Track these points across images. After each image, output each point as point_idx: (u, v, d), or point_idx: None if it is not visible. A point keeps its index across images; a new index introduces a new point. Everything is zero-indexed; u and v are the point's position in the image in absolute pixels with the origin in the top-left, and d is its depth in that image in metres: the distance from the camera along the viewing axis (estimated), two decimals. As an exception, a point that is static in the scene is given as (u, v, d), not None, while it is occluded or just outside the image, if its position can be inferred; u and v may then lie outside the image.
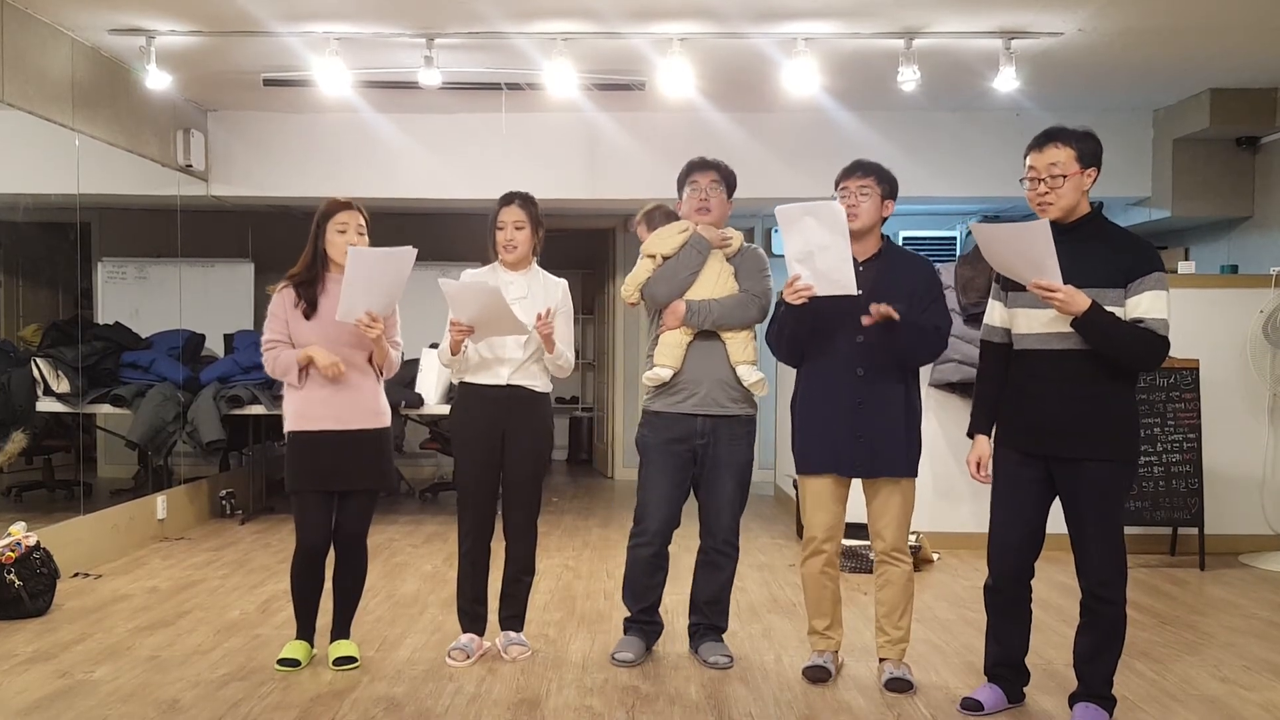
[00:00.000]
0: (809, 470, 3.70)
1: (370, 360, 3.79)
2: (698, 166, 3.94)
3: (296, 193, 7.06)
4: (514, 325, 3.75)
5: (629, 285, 3.93)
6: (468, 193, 7.08)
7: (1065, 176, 3.17)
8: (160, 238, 6.92)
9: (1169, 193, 6.97)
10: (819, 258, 3.42)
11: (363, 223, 3.79)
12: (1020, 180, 3.28)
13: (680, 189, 3.97)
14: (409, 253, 3.59)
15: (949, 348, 4.21)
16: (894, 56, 5.50)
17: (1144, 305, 3.11)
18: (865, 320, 3.45)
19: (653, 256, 3.88)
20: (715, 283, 3.84)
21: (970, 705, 3.42)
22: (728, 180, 3.95)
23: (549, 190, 6.84)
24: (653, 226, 4.01)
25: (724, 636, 4.01)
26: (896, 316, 3.44)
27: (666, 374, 3.83)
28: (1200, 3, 4.93)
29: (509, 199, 3.93)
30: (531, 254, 3.98)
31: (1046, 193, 3.19)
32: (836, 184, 3.65)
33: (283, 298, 3.77)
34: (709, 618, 3.98)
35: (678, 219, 3.97)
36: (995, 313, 3.41)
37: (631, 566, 3.97)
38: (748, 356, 3.85)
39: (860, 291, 3.47)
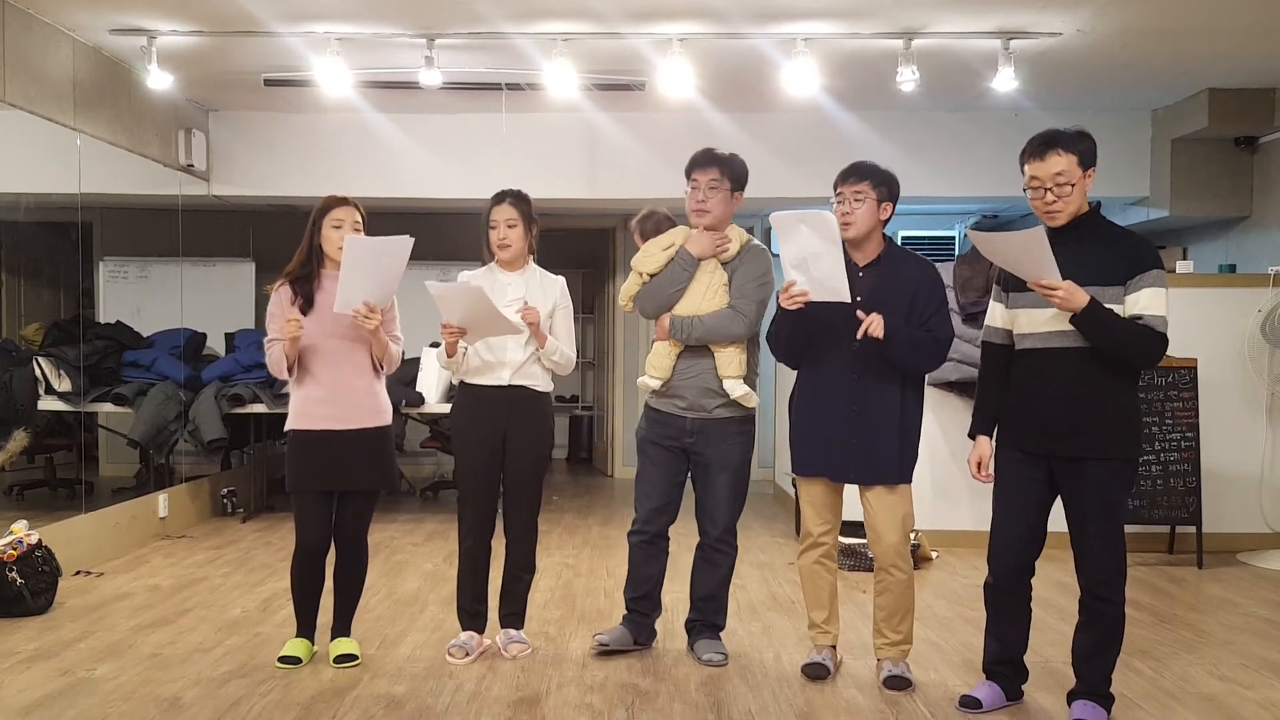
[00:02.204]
0: (802, 472, 3.72)
1: (370, 356, 3.80)
2: (699, 163, 3.78)
3: (297, 192, 7.07)
4: (504, 325, 3.74)
5: (623, 295, 3.95)
6: (468, 192, 7.07)
7: (1072, 185, 3.16)
8: (162, 237, 6.94)
9: (1167, 192, 6.97)
10: (813, 265, 3.41)
11: (359, 219, 3.79)
12: (1024, 189, 3.25)
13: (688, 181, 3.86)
14: (405, 241, 3.57)
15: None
16: (893, 57, 5.51)
17: (1143, 302, 3.12)
18: (860, 331, 3.41)
19: (640, 273, 3.86)
20: (704, 296, 3.78)
21: (969, 703, 3.43)
22: (733, 178, 3.75)
23: (549, 190, 6.88)
24: (645, 235, 3.96)
25: (722, 635, 4.02)
26: (880, 336, 3.40)
27: (655, 384, 3.85)
28: (1199, 4, 4.94)
29: (500, 197, 3.92)
30: (527, 252, 3.96)
31: (1054, 201, 3.18)
32: (834, 188, 3.60)
33: (280, 295, 3.78)
34: (705, 614, 3.99)
35: (673, 224, 3.94)
36: (996, 314, 3.41)
37: (630, 555, 4.02)
38: (734, 371, 3.78)
39: (859, 299, 3.45)
